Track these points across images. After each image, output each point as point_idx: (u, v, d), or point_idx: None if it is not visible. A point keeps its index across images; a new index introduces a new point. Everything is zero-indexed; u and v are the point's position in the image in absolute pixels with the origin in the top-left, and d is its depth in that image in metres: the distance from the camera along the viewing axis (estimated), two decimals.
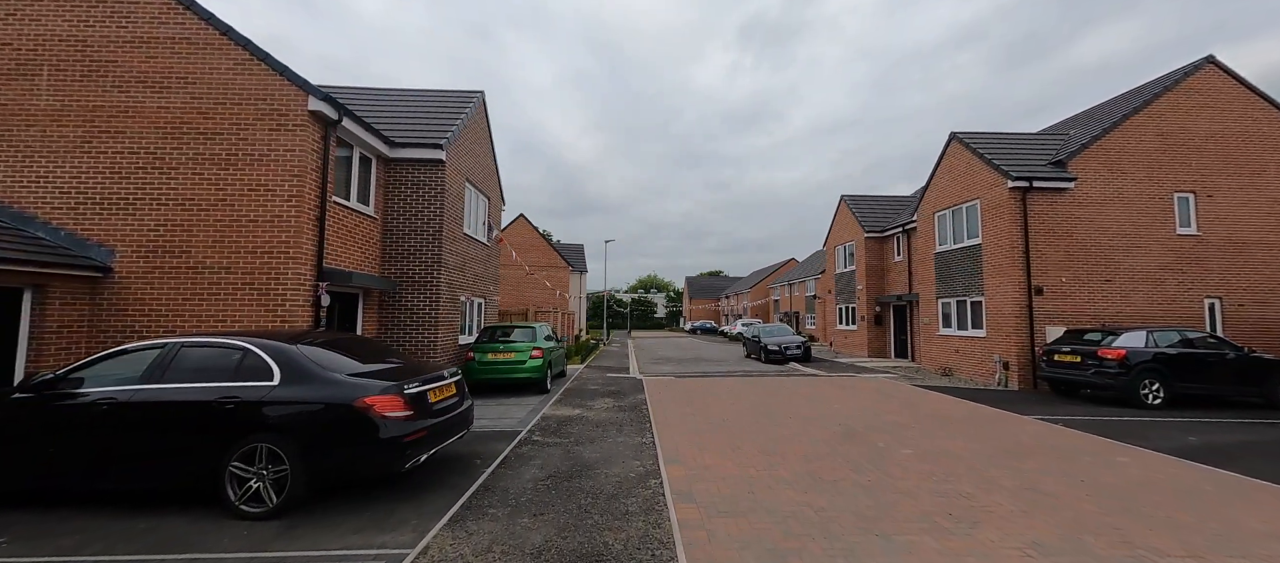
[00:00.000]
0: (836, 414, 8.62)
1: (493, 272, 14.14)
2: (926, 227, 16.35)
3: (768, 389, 11.46)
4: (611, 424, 8.03)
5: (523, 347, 10.64)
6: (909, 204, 21.91)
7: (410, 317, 10.09)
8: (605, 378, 13.96)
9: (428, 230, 10.27)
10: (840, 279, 23.29)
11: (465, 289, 11.74)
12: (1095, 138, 13.08)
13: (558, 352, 13.03)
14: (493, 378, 10.44)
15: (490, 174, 13.90)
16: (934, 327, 15.82)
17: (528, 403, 9.84)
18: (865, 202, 22.38)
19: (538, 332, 11.22)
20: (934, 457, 6.06)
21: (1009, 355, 12.74)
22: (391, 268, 10.16)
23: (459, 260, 11.29)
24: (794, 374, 15.11)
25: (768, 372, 15.99)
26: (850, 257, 22.25)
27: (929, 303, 16.14)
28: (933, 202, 16.04)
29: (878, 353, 20.27)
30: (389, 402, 4.46)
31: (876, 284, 20.57)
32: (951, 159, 15.18)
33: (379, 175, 10.05)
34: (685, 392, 11.18)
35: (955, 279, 14.90)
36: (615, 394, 11.03)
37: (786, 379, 13.52)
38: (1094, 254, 12.78)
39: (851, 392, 11.15)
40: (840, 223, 23.34)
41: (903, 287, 19.29)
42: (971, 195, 14.23)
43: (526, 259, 32.38)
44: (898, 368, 16.65)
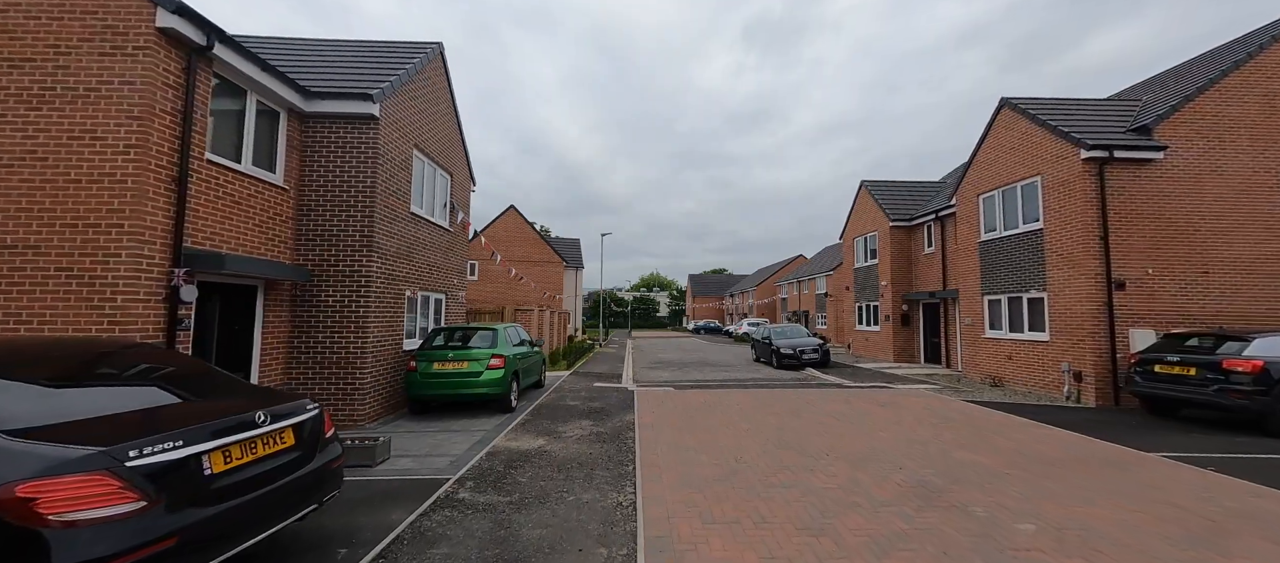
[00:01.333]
0: (890, 449, 6.33)
1: (457, 262, 11.91)
2: (968, 211, 14.00)
3: (788, 407, 9.18)
4: (580, 466, 5.78)
5: (480, 354, 8.40)
6: (940, 189, 19.54)
7: (331, 316, 7.87)
8: (591, 389, 11.71)
9: (355, 205, 8.04)
10: (860, 275, 20.96)
11: (413, 282, 9.51)
12: (1188, 98, 10.71)
13: (532, 358, 10.80)
14: (440, 394, 8.21)
15: (453, 147, 11.66)
16: (978, 328, 13.48)
17: (479, 428, 7.60)
18: (889, 188, 20.04)
19: (501, 335, 8.97)
20: (1080, 542, 3.77)
21: (1082, 364, 10.40)
22: (310, 253, 7.94)
23: (402, 246, 9.06)
24: (814, 384, 12.81)
25: (782, 380, 13.71)
26: (872, 250, 19.92)
27: (971, 300, 13.79)
28: (977, 182, 13.68)
29: (905, 357, 17.93)
30: (77, 489, 2.22)
31: (903, 280, 18.23)
32: (1002, 131, 12.82)
33: (291, 134, 7.83)
34: (685, 411, 8.91)
35: (1007, 272, 12.55)
36: (597, 413, 8.78)
37: (808, 392, 11.22)
38: (1187, 241, 10.42)
39: (894, 410, 8.85)
40: (860, 212, 20.99)
41: (935, 282, 16.94)
42: (1030, 172, 11.88)
43: (517, 254, 30.24)
44: (934, 376, 14.32)
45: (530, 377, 10.53)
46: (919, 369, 15.94)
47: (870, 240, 20.05)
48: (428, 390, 8.13)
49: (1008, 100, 12.70)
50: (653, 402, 9.81)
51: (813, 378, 14.39)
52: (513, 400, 8.87)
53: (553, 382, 12.83)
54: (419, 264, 9.77)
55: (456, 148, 11.89)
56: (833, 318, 36.54)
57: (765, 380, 13.81)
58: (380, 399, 8.25)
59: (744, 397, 10.42)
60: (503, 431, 7.42)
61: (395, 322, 8.79)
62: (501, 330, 9.07)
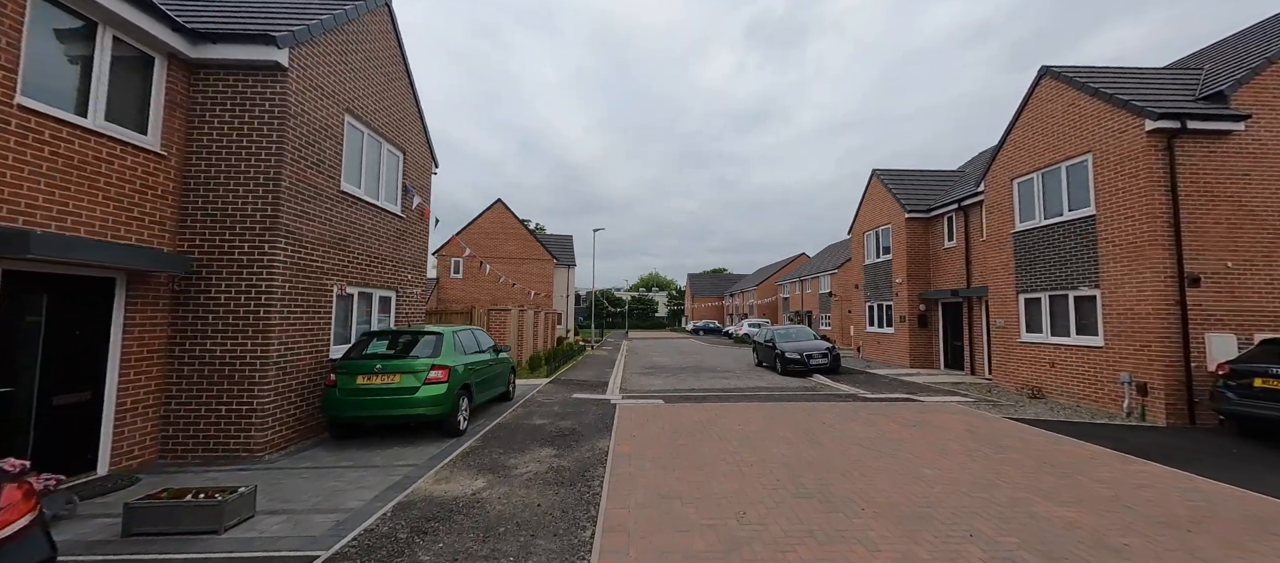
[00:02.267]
0: (946, 498, 4.67)
1: (412, 254, 10.24)
2: (1000, 198, 12.34)
3: (800, 428, 7.51)
4: (519, 530, 4.12)
5: (417, 365, 6.73)
6: (960, 179, 17.89)
7: (223, 317, 6.21)
8: (567, 402, 10.05)
9: (256, 178, 6.38)
10: (871, 272, 19.29)
11: (345, 276, 7.85)
12: (1271, 60, 9.06)
13: (497, 368, 9.14)
14: (365, 416, 6.54)
15: (405, 120, 10.00)
16: (1012, 331, 11.82)
17: (407, 462, 5.94)
18: (904, 177, 18.38)
19: (448, 341, 7.30)
20: None
21: (1148, 374, 8.75)
22: (198, 238, 6.29)
23: (328, 232, 7.41)
24: (826, 395, 11.15)
25: (788, 389, 12.05)
26: (885, 245, 18.25)
27: (1004, 299, 12.13)
28: (1011, 164, 12.02)
29: (922, 362, 16.28)
30: None
31: (920, 277, 16.58)
32: (1043, 104, 11.16)
33: (173, 87, 6.17)
34: (673, 433, 7.25)
35: (1049, 266, 10.89)
36: (566, 438, 7.11)
37: (820, 406, 9.56)
38: (1271, 229, 8.77)
39: (932, 434, 7.19)
40: (871, 204, 19.33)
41: (957, 279, 15.28)
42: (1078, 149, 10.22)
43: (504, 251, 28.60)
44: (962, 384, 12.66)
45: (492, 389, 8.86)
46: (940, 377, 14.27)
47: (883, 234, 18.39)
48: (349, 412, 6.47)
49: (1049, 69, 11.04)
50: (637, 420, 8.14)
51: (822, 387, 12.73)
52: (461, 421, 7.20)
53: (525, 392, 11.17)
54: (356, 255, 8.11)
55: (411, 122, 10.23)
56: (837, 319, 34.90)
57: (769, 390, 12.15)
58: (289, 422, 6.58)
59: (746, 413, 8.75)
60: (436, 465, 5.76)
61: (316, 324, 7.12)
62: (449, 336, 7.39)
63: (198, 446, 6.07)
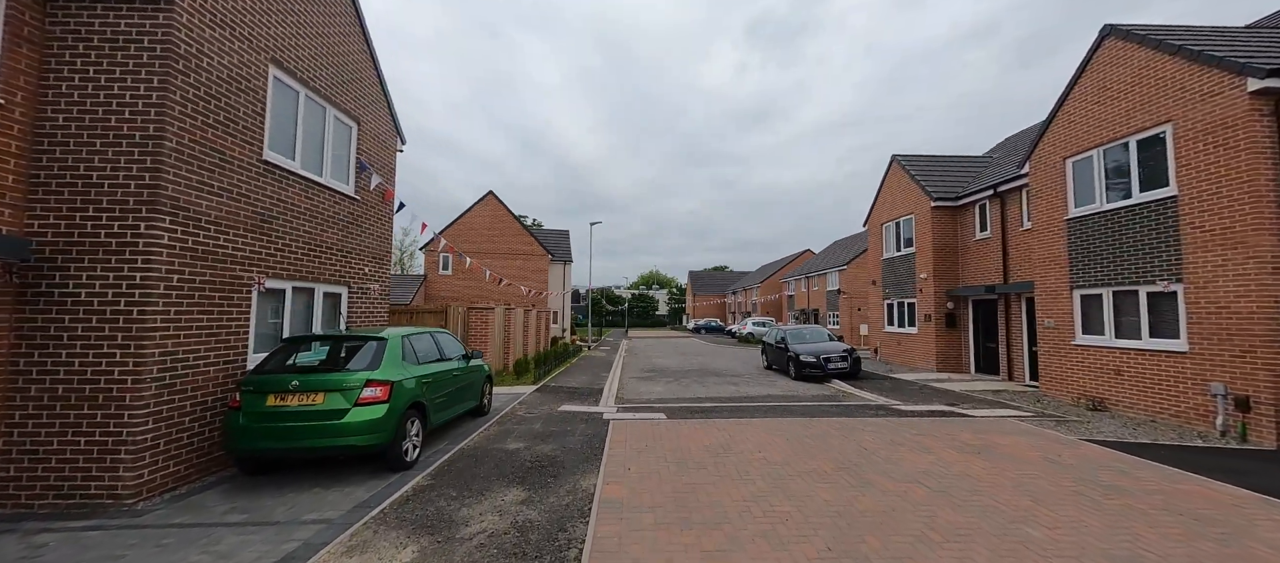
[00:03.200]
0: None
1: (369, 243, 8.72)
2: (1049, 181, 10.81)
3: (844, 461, 6.00)
4: None
5: (347, 380, 5.20)
6: (988, 166, 16.33)
7: (86, 320, 4.70)
8: (552, 416, 8.54)
9: (132, 136, 4.87)
10: (891, 267, 17.75)
11: (271, 266, 6.34)
12: None
13: (464, 379, 7.62)
14: (279, 448, 5.01)
15: (359, 84, 8.48)
16: (1066, 332, 10.30)
17: (316, 517, 4.43)
18: (929, 163, 16.82)
19: (391, 349, 5.76)
20: None
21: (1250, 386, 7.24)
22: (54, 215, 4.78)
23: (249, 212, 5.90)
24: (854, 406, 9.63)
25: (807, 398, 10.54)
26: (907, 237, 16.71)
27: (1054, 295, 10.61)
28: (1064, 142, 10.49)
29: (950, 365, 14.75)
30: None
31: (948, 271, 15.04)
32: (1105, 70, 9.62)
33: (17, 16, 4.65)
34: (679, 466, 5.74)
35: (1114, 258, 9.37)
36: (540, 474, 5.60)
37: (856, 424, 8.03)
38: None
39: (1007, 464, 5.68)
40: (891, 192, 17.77)
41: (991, 273, 13.75)
42: (1152, 119, 8.68)
43: (496, 247, 27.09)
44: (1004, 393, 11.14)
45: (458, 404, 7.35)
46: (975, 383, 12.75)
47: (904, 226, 16.84)
48: (255, 443, 4.95)
49: (1113, 28, 9.50)
50: (633, 444, 6.62)
51: (845, 396, 11.22)
52: (408, 451, 5.68)
53: (505, 404, 9.67)
54: (288, 241, 6.59)
55: (367, 88, 8.70)
56: (846, 317, 33.40)
57: (786, 400, 10.64)
58: (179, 456, 5.07)
59: (767, 433, 7.24)
60: (356, 521, 4.25)
61: (226, 328, 5.61)
62: (395, 342, 5.87)
63: (48, 490, 4.57)
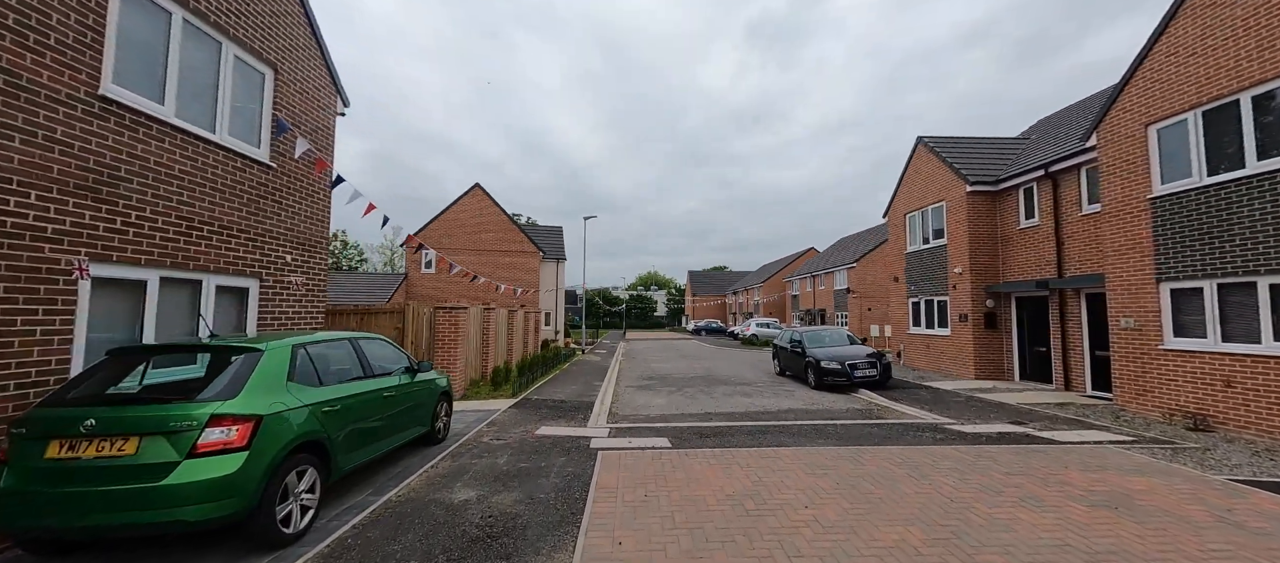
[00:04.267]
0: None
1: (291, 226, 6.88)
2: (1127, 153, 9.05)
3: (932, 526, 4.18)
4: None
5: (179, 419, 3.32)
6: (1027, 146, 14.57)
7: None
8: (524, 444, 6.71)
9: None
10: (917, 261, 15.96)
11: (107, 247, 4.51)
12: None
13: (406, 400, 5.79)
14: (70, 524, 3.16)
15: (280, 23, 6.65)
16: (1151, 334, 8.53)
17: None
18: (961, 145, 15.05)
19: (268, 365, 3.90)
20: None
21: None
22: None
23: (74, 167, 4.07)
24: (898, 425, 7.81)
25: (836, 413, 8.74)
26: (936, 228, 14.93)
27: (1135, 290, 8.84)
28: (1146, 106, 8.72)
29: (991, 372, 12.97)
30: None
31: (987, 265, 13.27)
32: (1202, 13, 7.86)
33: None
34: (694, 540, 3.93)
35: (1217, 243, 7.60)
36: (488, 544, 3.78)
37: (917, 455, 6.22)
38: None
39: (1171, 529, 3.88)
40: (916, 179, 15.99)
41: (1043, 266, 11.97)
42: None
43: (483, 243, 25.24)
44: (1069, 406, 9.35)
45: (390, 436, 5.49)
46: (1028, 394, 10.97)
47: (933, 215, 15.06)
48: (32, 516, 3.12)
49: None
50: (627, 494, 4.80)
51: (881, 411, 9.42)
52: (291, 519, 3.83)
53: (471, 424, 7.83)
54: (149, 213, 4.75)
55: (290, 26, 6.87)
56: (856, 317, 31.66)
57: (813, 416, 8.83)
58: None
59: (807, 473, 5.41)
60: None
61: (13, 335, 3.77)
62: (276, 353, 4.01)
63: None
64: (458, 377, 10.05)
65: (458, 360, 10.06)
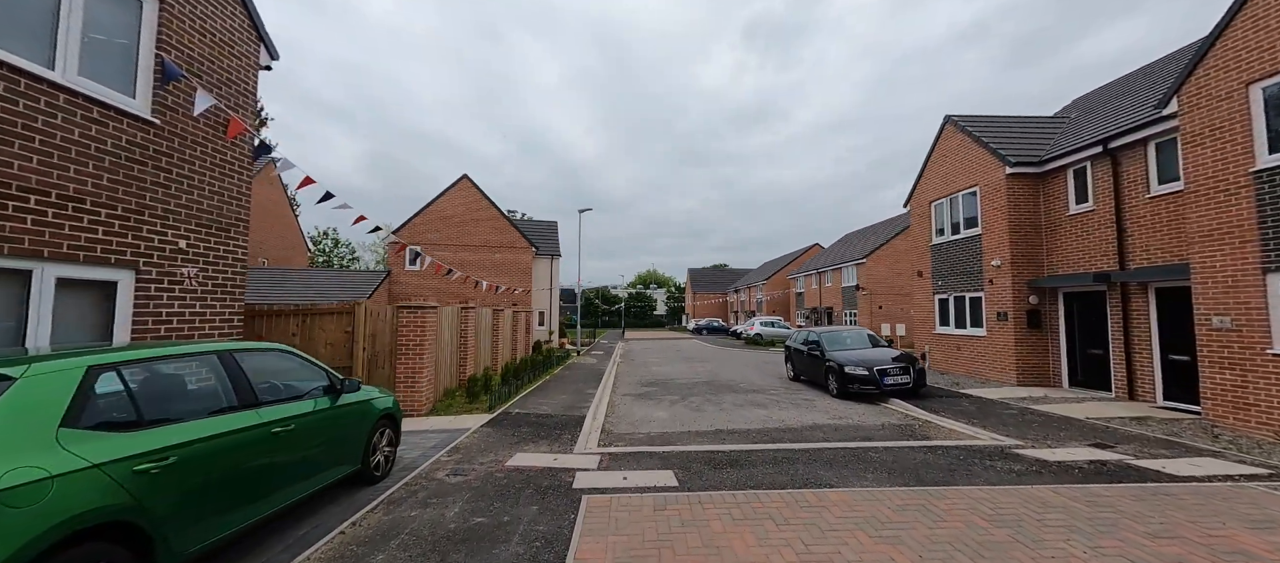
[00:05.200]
0: None
1: (184, 202, 5.36)
2: (1217, 119, 7.56)
3: None
4: None
5: None
6: (1066, 127, 13.07)
7: None
8: (488, 482, 5.21)
9: None
10: (945, 254, 14.46)
11: None
12: None
13: (321, 436, 4.29)
14: None
15: None
16: (1256, 336, 7.04)
17: None
18: (995, 125, 13.55)
19: (25, 401, 2.44)
20: None
21: None
22: None
23: None
24: (950, 448, 6.32)
25: (869, 431, 7.25)
26: (968, 216, 13.43)
27: (1232, 282, 7.35)
28: (1244, 61, 7.23)
29: (1036, 377, 11.49)
30: None
31: (1029, 256, 11.78)
32: None
33: None
34: None
35: None
36: None
37: (1014, 505, 4.71)
38: None
39: None
40: (944, 163, 14.49)
41: (1100, 257, 10.48)
42: None
43: (471, 238, 23.75)
44: (1150, 421, 7.86)
45: (294, 485, 3.96)
46: (1085, 403, 9.50)
47: (965, 201, 13.55)
48: None
49: None
50: None
51: (923, 426, 7.93)
52: None
53: (430, 450, 6.34)
54: None
55: None
56: (866, 316, 30.19)
57: (844, 434, 7.34)
58: None
59: (871, 536, 3.93)
60: None
61: None
62: (32, 381, 2.48)
63: None
64: (423, 389, 8.55)
65: (423, 369, 8.55)
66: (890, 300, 29.90)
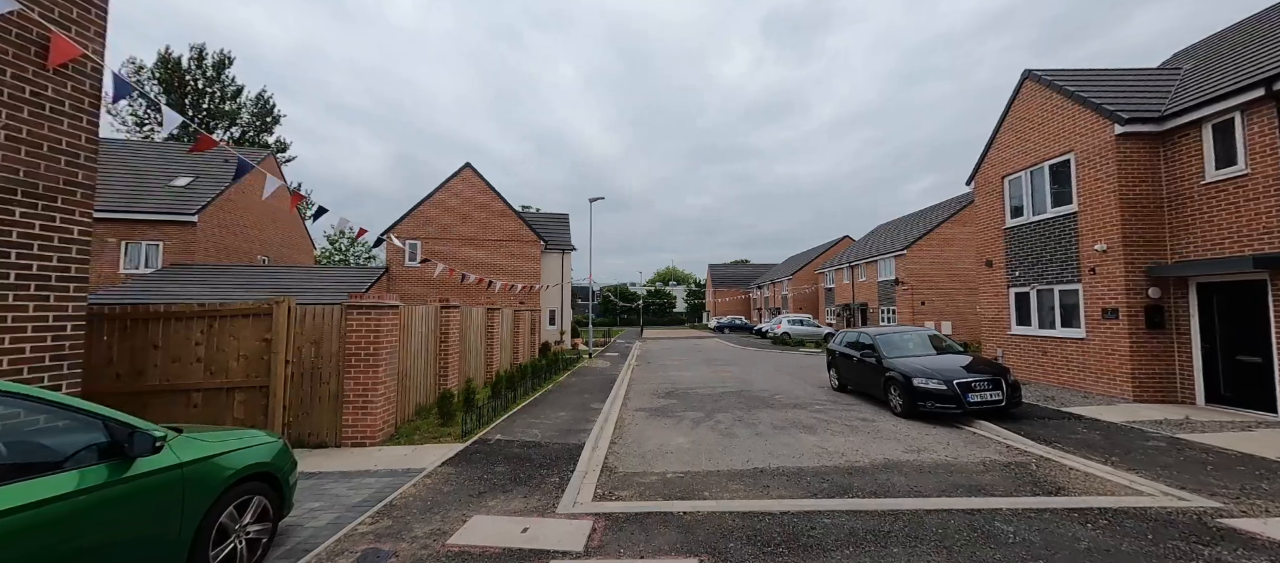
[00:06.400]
0: None
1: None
2: None
3: None
4: None
5: None
6: (1179, 78, 10.50)
7: None
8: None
9: None
10: (1023, 238, 12.02)
11: None
12: None
13: (85, 532, 2.39)
14: None
15: None
16: None
17: None
18: (1091, 78, 11.07)
19: None
20: None
21: None
22: None
23: None
24: (1131, 528, 4.14)
25: (974, 474, 5.10)
26: (1057, 190, 10.99)
27: None
28: None
29: (1157, 389, 9.07)
30: None
31: (1147, 238, 9.34)
32: None
33: None
34: None
35: None
36: None
37: None
38: None
39: None
40: (1022, 129, 12.03)
41: (1258, 235, 8.01)
42: None
43: (475, 231, 22.10)
44: None
45: None
46: (1252, 432, 7.13)
47: (1054, 173, 11.08)
48: None
49: None
50: None
51: (1041, 465, 5.72)
52: None
53: (350, 510, 4.47)
54: None
55: None
56: (907, 312, 27.53)
57: (936, 477, 5.22)
58: None
59: None
60: None
61: None
62: None
63: None
64: (377, 412, 6.71)
65: (379, 385, 6.71)
66: (934, 296, 27.17)
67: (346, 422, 6.66)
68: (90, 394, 5.70)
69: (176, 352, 5.70)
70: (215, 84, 37.82)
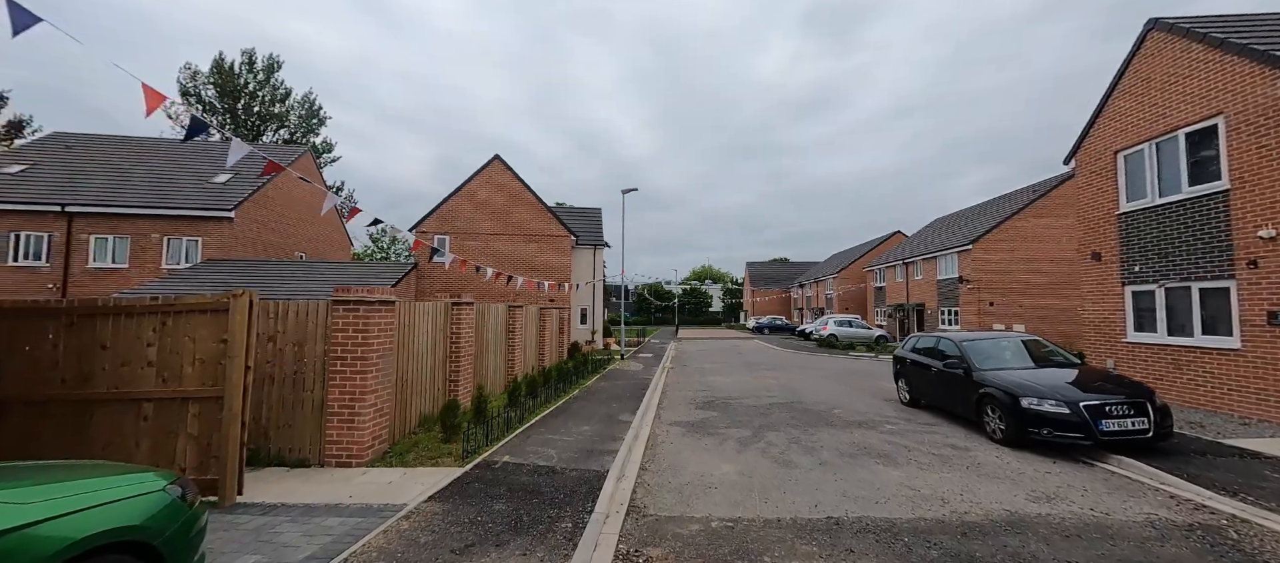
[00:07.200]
0: None
1: None
2: None
3: None
4: None
5: None
6: None
7: None
8: None
9: None
10: (1147, 224, 9.89)
11: None
12: None
13: None
14: None
15: None
16: None
17: None
18: (1235, 23, 8.91)
19: None
20: None
21: None
22: None
23: None
24: None
25: (1148, 546, 3.54)
26: (1197, 163, 8.87)
27: None
28: None
29: None
30: None
31: None
32: None
33: None
34: None
35: None
36: None
37: None
38: None
39: None
40: (1145, 90, 9.90)
41: None
42: None
43: (503, 226, 21.32)
44: None
45: None
46: None
47: (1187, 144, 8.96)
48: None
49: None
50: None
51: (1238, 528, 4.00)
52: None
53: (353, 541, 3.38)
54: None
55: None
56: (973, 314, 24.89)
57: (1092, 551, 3.63)
58: None
59: None
60: None
61: None
62: None
63: None
64: (365, 427, 5.67)
65: (367, 395, 5.68)
66: (1004, 296, 24.43)
67: (330, 436, 5.65)
68: (34, 400, 4.90)
69: (125, 354, 4.82)
70: (264, 87, 39.04)
